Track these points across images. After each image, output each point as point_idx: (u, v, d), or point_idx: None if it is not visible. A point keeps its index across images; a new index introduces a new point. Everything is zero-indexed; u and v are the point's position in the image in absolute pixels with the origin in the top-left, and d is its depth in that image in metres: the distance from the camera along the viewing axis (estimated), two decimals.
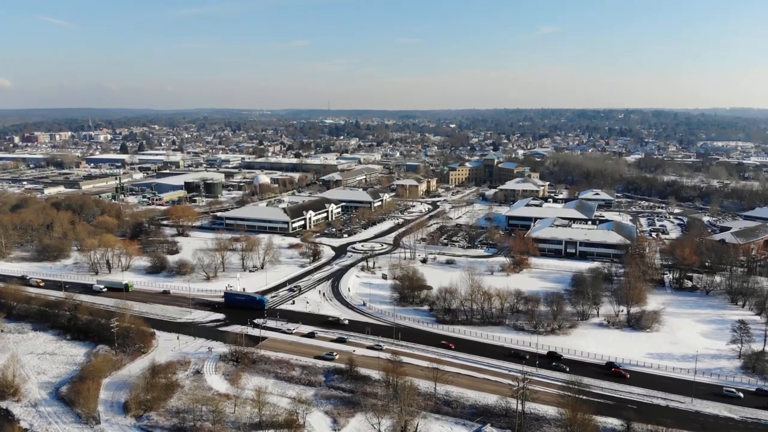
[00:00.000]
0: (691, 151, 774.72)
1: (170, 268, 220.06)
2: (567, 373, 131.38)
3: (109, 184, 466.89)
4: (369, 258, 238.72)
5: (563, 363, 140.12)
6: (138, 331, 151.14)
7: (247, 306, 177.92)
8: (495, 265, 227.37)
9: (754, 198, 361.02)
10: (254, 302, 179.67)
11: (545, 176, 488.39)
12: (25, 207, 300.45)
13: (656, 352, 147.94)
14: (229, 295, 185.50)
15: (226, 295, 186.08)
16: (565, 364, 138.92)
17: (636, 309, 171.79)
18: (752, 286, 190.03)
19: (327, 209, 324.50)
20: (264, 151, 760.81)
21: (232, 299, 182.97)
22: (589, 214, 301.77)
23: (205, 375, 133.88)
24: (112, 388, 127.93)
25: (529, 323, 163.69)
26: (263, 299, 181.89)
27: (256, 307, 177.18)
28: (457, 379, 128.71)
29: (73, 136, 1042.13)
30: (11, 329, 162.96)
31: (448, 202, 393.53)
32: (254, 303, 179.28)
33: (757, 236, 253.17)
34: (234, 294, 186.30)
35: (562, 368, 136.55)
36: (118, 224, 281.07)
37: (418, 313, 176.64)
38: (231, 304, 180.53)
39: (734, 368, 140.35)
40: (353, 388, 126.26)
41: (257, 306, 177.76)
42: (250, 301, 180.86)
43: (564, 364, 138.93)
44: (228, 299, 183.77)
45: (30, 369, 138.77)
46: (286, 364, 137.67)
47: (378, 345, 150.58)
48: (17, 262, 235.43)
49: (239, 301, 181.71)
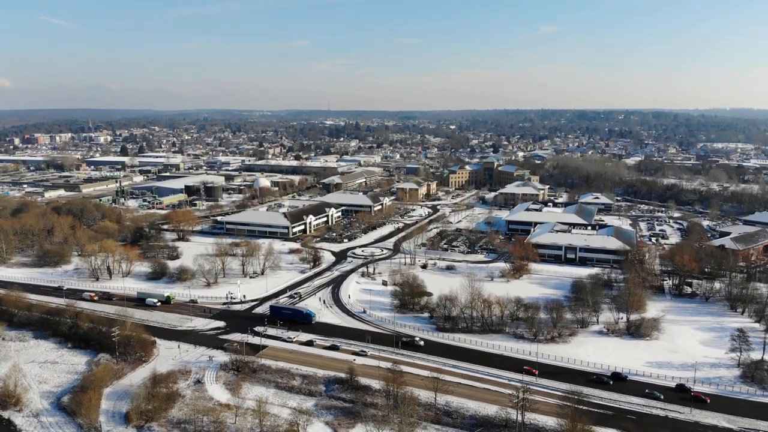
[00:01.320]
0: (691, 153, 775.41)
1: (171, 274, 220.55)
2: (639, 396, 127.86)
3: (109, 187, 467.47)
4: (369, 263, 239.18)
5: (626, 382, 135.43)
6: (139, 339, 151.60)
7: (294, 319, 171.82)
8: (495, 270, 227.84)
9: (753, 202, 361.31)
10: (301, 316, 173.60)
11: (545, 179, 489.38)
12: (25, 211, 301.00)
13: (656, 361, 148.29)
14: (274, 308, 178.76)
15: (272, 308, 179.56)
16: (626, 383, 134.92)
17: (636, 316, 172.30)
18: (751, 292, 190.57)
19: (327, 213, 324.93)
20: (264, 154, 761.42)
21: (278, 312, 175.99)
22: (588, 218, 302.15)
23: (206, 384, 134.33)
24: (114, 397, 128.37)
25: (529, 331, 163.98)
26: (311, 313, 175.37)
27: (304, 320, 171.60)
28: (457, 389, 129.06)
29: (74, 137, 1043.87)
30: (12, 337, 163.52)
31: (448, 206, 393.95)
32: (301, 317, 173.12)
33: (757, 242, 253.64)
34: (280, 307, 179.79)
35: (650, 394, 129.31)
36: (118, 229, 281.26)
37: (418, 320, 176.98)
38: (277, 317, 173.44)
39: (733, 377, 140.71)
40: (354, 398, 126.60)
41: (305, 320, 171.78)
42: (297, 314, 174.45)
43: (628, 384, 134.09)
44: (274, 312, 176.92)
45: (32, 378, 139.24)
46: (287, 374, 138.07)
47: (363, 351, 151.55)
48: (18, 268, 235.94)
49: (285, 314, 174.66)
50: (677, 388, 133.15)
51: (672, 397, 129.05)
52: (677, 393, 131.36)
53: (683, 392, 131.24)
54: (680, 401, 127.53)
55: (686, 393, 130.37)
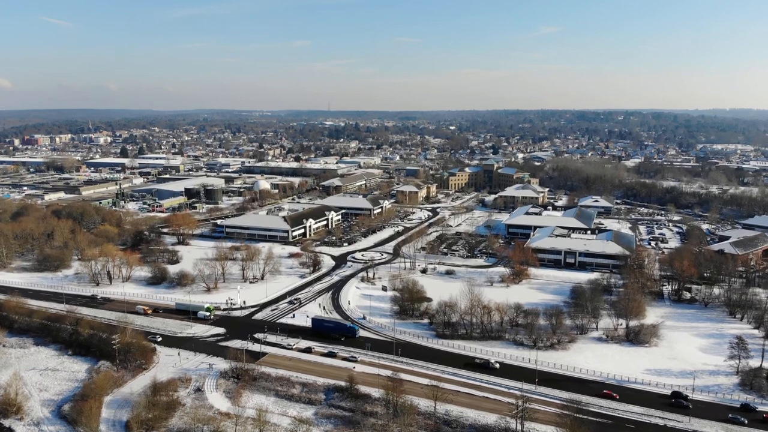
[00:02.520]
0: (691, 154, 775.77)
1: (171, 279, 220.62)
2: None
3: (109, 189, 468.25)
4: (369, 268, 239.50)
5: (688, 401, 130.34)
6: (139, 346, 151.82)
7: (337, 333, 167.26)
8: (495, 275, 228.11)
9: (752, 205, 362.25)
10: (345, 330, 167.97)
11: (545, 181, 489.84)
12: (25, 215, 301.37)
13: (654, 368, 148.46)
14: (317, 321, 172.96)
15: (314, 320, 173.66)
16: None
17: (635, 322, 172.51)
18: (750, 298, 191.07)
19: (327, 217, 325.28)
20: (264, 155, 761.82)
21: (321, 326, 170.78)
22: (588, 222, 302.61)
23: (206, 393, 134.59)
24: (114, 406, 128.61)
25: (528, 338, 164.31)
26: (354, 327, 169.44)
27: (347, 334, 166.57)
28: (456, 398, 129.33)
29: (73, 138, 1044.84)
30: (13, 344, 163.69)
31: (447, 209, 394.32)
32: (345, 330, 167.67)
33: (756, 246, 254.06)
34: (322, 320, 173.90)
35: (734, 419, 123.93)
36: (118, 233, 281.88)
37: (418, 326, 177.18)
38: (319, 331, 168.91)
39: (732, 385, 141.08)
40: (353, 407, 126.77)
41: (348, 334, 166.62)
42: (340, 328, 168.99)
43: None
44: (316, 325, 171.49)
45: (32, 386, 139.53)
46: (287, 382, 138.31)
47: (353, 357, 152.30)
48: (18, 273, 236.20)
49: (328, 327, 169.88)
50: (673, 395, 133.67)
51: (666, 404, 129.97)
52: (674, 399, 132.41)
53: (679, 398, 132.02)
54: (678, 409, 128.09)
55: (684, 399, 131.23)
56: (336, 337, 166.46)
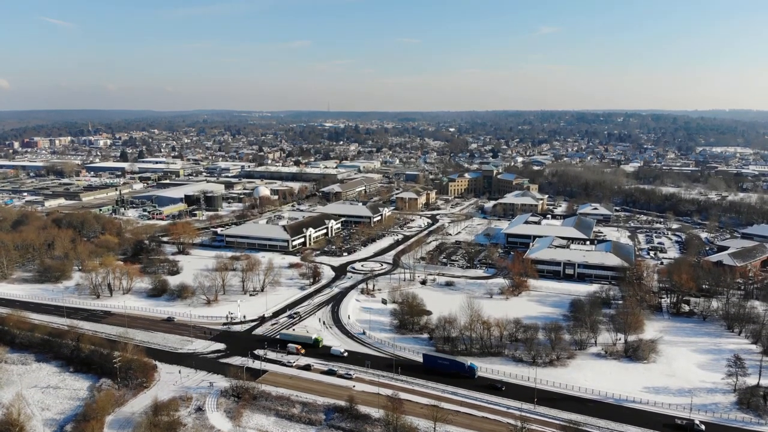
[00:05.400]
0: (690, 158, 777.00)
1: (171, 291, 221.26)
2: None
3: (109, 195, 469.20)
4: (368, 279, 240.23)
5: None
6: (140, 364, 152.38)
7: (452, 373, 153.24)
8: (494, 287, 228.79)
9: (751, 213, 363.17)
10: (462, 369, 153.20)
11: (544, 187, 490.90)
12: (26, 223, 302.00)
13: (652, 386, 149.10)
14: (429, 358, 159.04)
15: (426, 357, 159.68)
16: None
17: (633, 337, 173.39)
18: (748, 311, 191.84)
19: (327, 225, 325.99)
20: (264, 159, 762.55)
21: (433, 363, 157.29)
22: (587, 232, 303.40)
23: (206, 412, 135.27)
24: (116, 426, 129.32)
25: (528, 354, 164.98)
26: (474, 366, 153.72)
27: (465, 374, 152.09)
28: (456, 418, 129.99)
29: (73, 141, 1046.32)
30: (14, 360, 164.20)
31: (447, 216, 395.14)
32: (462, 370, 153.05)
33: (754, 257, 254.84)
34: (436, 357, 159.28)
35: None
36: (119, 242, 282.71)
37: (418, 341, 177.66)
38: (431, 369, 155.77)
39: (729, 403, 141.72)
40: (353, 427, 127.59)
41: (465, 374, 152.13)
42: (457, 366, 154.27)
43: None
44: (428, 363, 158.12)
45: (34, 405, 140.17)
46: (287, 401, 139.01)
47: (348, 374, 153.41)
48: (19, 284, 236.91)
49: (442, 365, 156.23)
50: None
51: None
52: None
53: None
54: None
55: None
56: (451, 375, 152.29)
